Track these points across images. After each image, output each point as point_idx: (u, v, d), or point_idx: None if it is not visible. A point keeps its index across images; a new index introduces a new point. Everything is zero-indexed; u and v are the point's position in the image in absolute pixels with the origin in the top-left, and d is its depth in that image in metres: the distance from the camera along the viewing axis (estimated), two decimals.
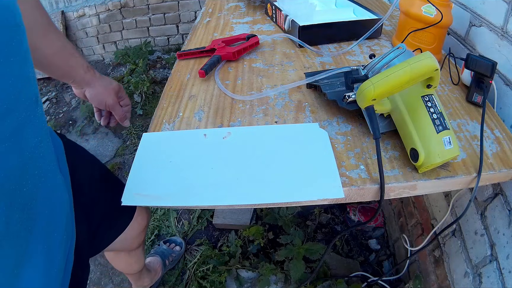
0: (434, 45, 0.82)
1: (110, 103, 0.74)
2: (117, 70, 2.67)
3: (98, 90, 0.71)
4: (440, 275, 0.93)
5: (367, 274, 1.20)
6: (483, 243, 0.74)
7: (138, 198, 0.53)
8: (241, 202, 0.52)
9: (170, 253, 1.34)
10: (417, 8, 0.79)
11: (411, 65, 0.50)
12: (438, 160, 0.52)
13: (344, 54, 0.89)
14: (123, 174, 1.85)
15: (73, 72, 0.66)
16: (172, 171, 0.56)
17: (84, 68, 0.67)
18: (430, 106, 0.55)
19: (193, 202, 0.52)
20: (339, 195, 0.52)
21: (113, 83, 0.74)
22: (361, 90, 0.53)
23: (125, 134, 2.12)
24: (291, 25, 0.96)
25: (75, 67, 0.66)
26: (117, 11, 2.65)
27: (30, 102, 0.35)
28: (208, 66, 0.80)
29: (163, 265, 1.30)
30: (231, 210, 1.46)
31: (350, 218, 1.40)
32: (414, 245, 1.09)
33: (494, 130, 0.63)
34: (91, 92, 0.71)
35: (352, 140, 0.61)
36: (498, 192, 0.70)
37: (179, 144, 0.62)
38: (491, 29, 0.74)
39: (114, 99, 0.74)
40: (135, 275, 1.11)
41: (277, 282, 1.22)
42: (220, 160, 0.58)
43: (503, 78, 0.71)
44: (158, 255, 1.31)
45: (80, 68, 0.67)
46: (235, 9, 1.26)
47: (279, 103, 0.71)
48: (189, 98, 0.75)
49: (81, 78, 0.68)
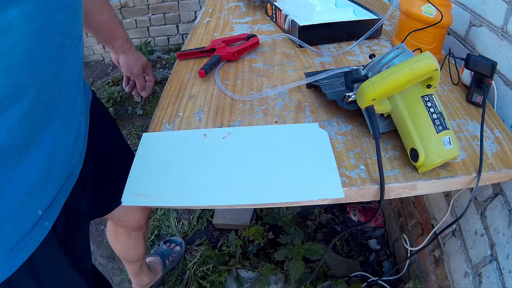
0: (434, 45, 0.82)
1: (135, 72, 0.88)
2: (117, 70, 2.67)
3: (129, 59, 0.85)
4: (440, 275, 0.93)
5: (367, 274, 1.20)
6: (483, 243, 0.74)
7: (138, 198, 0.53)
8: (241, 202, 0.52)
9: (170, 253, 1.34)
10: (417, 8, 0.79)
11: (411, 65, 0.50)
12: (438, 160, 0.52)
13: (344, 54, 0.89)
14: None
15: (113, 41, 0.81)
16: (172, 171, 0.56)
17: (124, 39, 0.82)
18: (430, 106, 0.55)
19: (193, 202, 0.52)
20: (339, 195, 0.52)
21: (143, 59, 0.88)
22: (361, 90, 0.53)
23: (125, 134, 2.12)
24: (291, 25, 0.96)
25: (117, 38, 0.80)
26: (117, 11, 2.65)
27: (74, 37, 0.46)
28: (208, 66, 0.80)
29: (163, 265, 1.30)
30: (231, 210, 1.46)
31: (350, 218, 1.40)
32: (414, 245, 1.09)
33: (494, 130, 0.63)
34: (124, 59, 0.85)
35: (352, 140, 0.61)
36: (498, 192, 0.70)
37: (179, 144, 0.62)
38: (491, 29, 0.74)
39: (139, 70, 0.88)
40: (134, 269, 1.10)
41: (277, 282, 1.22)
42: (220, 160, 0.58)
43: (503, 78, 0.71)
44: (158, 255, 1.31)
45: (120, 40, 0.81)
46: (235, 9, 1.26)
47: (279, 103, 0.71)
48: (189, 98, 0.75)
49: (119, 47, 0.82)
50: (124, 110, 2.28)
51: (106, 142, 0.76)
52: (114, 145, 0.81)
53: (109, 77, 2.60)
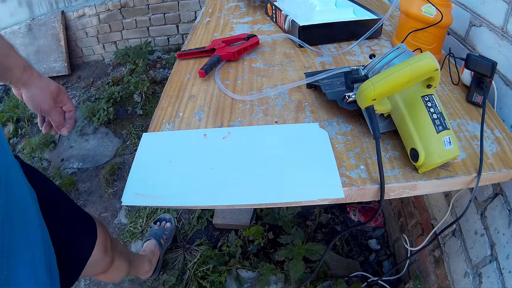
0: (434, 45, 0.82)
1: (44, 108, 0.66)
2: (117, 70, 2.67)
3: (33, 92, 0.65)
4: (440, 275, 0.93)
5: (367, 274, 1.20)
6: (483, 243, 0.74)
7: (138, 198, 0.53)
8: (241, 202, 0.52)
9: (163, 232, 1.40)
10: (417, 8, 0.79)
11: (411, 65, 0.50)
12: (438, 160, 0.52)
13: (344, 54, 0.89)
14: (123, 174, 1.86)
15: (8, 73, 0.60)
16: (172, 171, 0.56)
17: (21, 68, 0.61)
18: (430, 106, 0.55)
19: (193, 202, 0.52)
20: (339, 195, 0.52)
21: (52, 86, 0.67)
22: (361, 90, 0.53)
23: (125, 134, 2.12)
24: (291, 25, 0.96)
25: (11, 68, 0.59)
26: (117, 11, 2.65)
27: None
28: (208, 66, 0.80)
29: (158, 244, 1.35)
30: (231, 210, 1.46)
31: (350, 218, 1.40)
32: (414, 245, 1.09)
33: (494, 130, 0.63)
34: (27, 94, 0.65)
35: (352, 140, 0.61)
36: (498, 192, 0.70)
37: (179, 144, 0.62)
38: (491, 29, 0.74)
39: (50, 104, 0.66)
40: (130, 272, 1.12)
41: (277, 282, 1.22)
42: (220, 160, 0.58)
43: (503, 78, 0.71)
44: (152, 238, 1.37)
45: (16, 69, 0.60)
46: (235, 9, 1.26)
47: (279, 103, 0.71)
48: (189, 98, 0.75)
49: (17, 79, 0.62)
50: (124, 110, 2.28)
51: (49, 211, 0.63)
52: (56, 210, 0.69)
53: (109, 77, 2.60)
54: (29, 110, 2.48)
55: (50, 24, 2.70)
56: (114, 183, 1.81)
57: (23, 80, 0.63)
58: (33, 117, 2.43)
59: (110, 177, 1.83)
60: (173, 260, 1.39)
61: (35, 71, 0.64)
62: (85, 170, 1.93)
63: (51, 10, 2.76)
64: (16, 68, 0.60)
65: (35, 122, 2.40)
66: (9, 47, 0.58)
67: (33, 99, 0.65)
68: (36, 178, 0.66)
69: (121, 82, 2.47)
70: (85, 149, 2.07)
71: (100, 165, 1.94)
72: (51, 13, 2.72)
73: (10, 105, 2.49)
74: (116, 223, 1.60)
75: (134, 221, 1.57)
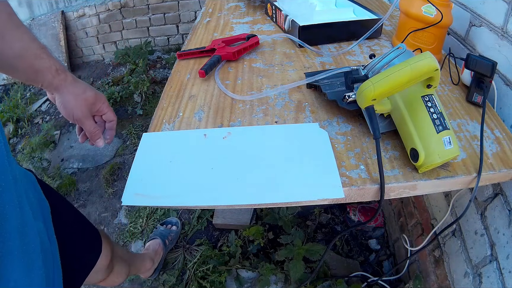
0: (434, 45, 0.82)
1: (77, 116, 0.60)
2: (117, 70, 2.67)
3: (66, 98, 0.59)
4: (440, 275, 0.93)
5: (367, 274, 1.20)
6: (483, 243, 0.74)
7: (138, 198, 0.53)
8: (241, 202, 0.52)
9: (168, 233, 1.42)
10: (417, 8, 0.79)
11: (411, 65, 0.50)
12: (438, 160, 0.52)
13: (344, 54, 0.89)
14: (123, 174, 1.86)
15: (39, 77, 0.56)
16: (172, 171, 0.56)
17: (53, 71, 0.56)
18: (430, 106, 0.55)
19: (193, 202, 0.52)
20: (339, 195, 0.52)
21: (88, 93, 0.60)
22: (361, 90, 0.53)
23: (125, 134, 2.12)
24: (291, 25, 0.96)
25: (42, 70, 0.55)
26: (117, 11, 2.65)
27: None
28: (208, 66, 0.80)
29: (163, 244, 1.36)
30: (231, 210, 1.46)
31: (350, 218, 1.40)
32: (414, 245, 1.09)
33: (494, 130, 0.63)
34: (59, 99, 0.59)
35: (352, 140, 0.61)
36: (498, 192, 0.70)
37: (179, 144, 0.62)
38: (491, 29, 0.74)
39: (83, 112, 0.60)
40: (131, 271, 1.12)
41: (277, 282, 1.22)
42: (220, 160, 0.58)
43: (503, 78, 0.71)
44: (157, 237, 1.38)
45: (47, 72, 0.56)
46: (235, 9, 1.26)
47: (279, 103, 0.71)
48: (189, 98, 0.75)
49: (49, 82, 0.57)
50: (124, 110, 2.28)
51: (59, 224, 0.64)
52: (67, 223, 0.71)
53: (109, 77, 2.60)
54: (29, 110, 2.48)
55: (50, 24, 2.70)
56: (114, 183, 1.81)
57: (55, 84, 0.58)
58: (33, 117, 2.43)
59: (110, 177, 1.83)
60: (173, 260, 1.39)
61: (69, 75, 0.59)
62: (85, 170, 1.93)
63: (51, 10, 2.76)
64: (47, 71, 0.56)
65: (35, 122, 2.40)
66: (41, 48, 0.55)
67: (66, 105, 0.59)
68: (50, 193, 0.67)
69: (121, 82, 2.47)
70: (85, 149, 2.07)
71: (100, 165, 1.94)
72: (51, 13, 2.72)
73: (10, 105, 2.49)
74: (116, 223, 1.60)
75: (134, 221, 1.57)
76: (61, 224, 0.66)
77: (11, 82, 2.78)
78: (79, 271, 0.74)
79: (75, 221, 0.77)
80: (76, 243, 0.73)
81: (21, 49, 0.52)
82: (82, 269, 0.76)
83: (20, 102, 2.55)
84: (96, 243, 0.83)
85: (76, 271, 0.71)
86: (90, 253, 0.80)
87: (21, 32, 0.52)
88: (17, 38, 0.52)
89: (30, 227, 0.41)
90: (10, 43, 0.51)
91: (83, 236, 0.78)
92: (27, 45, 0.53)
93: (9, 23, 0.51)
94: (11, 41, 0.51)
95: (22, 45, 0.52)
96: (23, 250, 0.38)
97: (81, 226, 0.80)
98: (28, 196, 0.45)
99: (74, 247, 0.71)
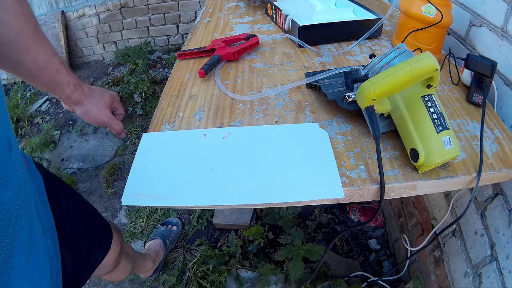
0: (434, 45, 0.82)
1: (103, 121, 0.66)
2: (117, 70, 2.67)
3: (87, 108, 0.64)
4: (440, 275, 0.93)
5: (367, 274, 1.20)
6: (483, 243, 0.74)
7: (138, 198, 0.53)
8: (241, 202, 0.52)
9: (169, 233, 1.43)
10: (417, 8, 0.79)
11: (411, 65, 0.50)
12: (438, 160, 0.52)
13: (344, 54, 0.89)
14: (123, 174, 1.86)
15: (58, 89, 0.60)
16: (172, 171, 0.56)
17: (71, 87, 0.60)
18: (430, 106, 0.55)
19: (193, 202, 0.52)
20: (339, 195, 0.52)
21: (105, 97, 0.66)
22: (361, 90, 0.53)
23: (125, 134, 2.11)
24: (291, 25, 0.96)
25: (61, 84, 0.59)
26: (117, 11, 2.65)
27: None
28: (208, 66, 0.80)
29: (164, 244, 1.37)
30: (231, 210, 1.46)
31: (350, 218, 1.40)
32: (414, 245, 1.09)
33: (494, 130, 0.63)
34: (79, 110, 0.65)
35: (352, 140, 0.61)
36: (498, 192, 0.70)
37: (179, 144, 0.62)
38: (491, 29, 0.74)
39: (106, 115, 0.66)
40: (134, 270, 1.13)
41: (277, 282, 1.22)
42: (220, 160, 0.58)
43: (503, 78, 0.71)
44: (158, 237, 1.39)
45: (66, 86, 0.60)
46: (235, 9, 1.26)
47: (279, 103, 0.71)
48: (189, 98, 0.75)
49: (67, 96, 0.61)
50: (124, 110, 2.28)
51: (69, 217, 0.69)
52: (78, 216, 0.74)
53: (109, 77, 2.60)
54: (29, 110, 2.48)
55: (50, 24, 2.69)
56: (114, 183, 1.81)
57: (74, 99, 0.62)
58: (33, 117, 2.43)
59: (110, 177, 1.83)
60: (173, 260, 1.39)
61: (86, 88, 0.64)
62: (85, 170, 1.93)
63: (51, 10, 2.76)
64: (66, 85, 0.60)
65: (35, 122, 2.40)
66: (62, 63, 0.58)
67: (88, 114, 0.65)
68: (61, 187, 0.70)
69: (121, 82, 2.47)
70: (85, 149, 2.07)
71: (100, 165, 1.94)
72: (51, 13, 2.72)
73: (10, 105, 2.49)
74: (116, 223, 1.60)
75: (134, 221, 1.57)
76: (71, 222, 0.68)
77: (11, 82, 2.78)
78: (84, 269, 0.74)
79: (86, 216, 0.78)
80: (86, 241, 0.74)
81: (44, 62, 0.55)
82: (88, 266, 0.76)
83: (20, 102, 2.55)
84: (105, 239, 0.83)
85: (81, 268, 0.72)
86: (99, 251, 0.81)
87: (45, 46, 0.54)
88: (41, 51, 0.54)
89: (39, 244, 0.41)
90: (35, 56, 0.53)
91: (92, 233, 0.78)
92: (50, 59, 0.55)
93: (35, 36, 0.53)
94: (36, 54, 0.53)
95: (45, 58, 0.54)
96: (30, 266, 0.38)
97: (92, 222, 0.80)
98: (39, 210, 0.45)
99: (83, 245, 0.72)
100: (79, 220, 0.74)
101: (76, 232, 0.70)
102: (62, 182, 0.74)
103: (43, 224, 0.45)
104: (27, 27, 0.51)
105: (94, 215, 0.82)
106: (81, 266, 0.71)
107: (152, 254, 1.29)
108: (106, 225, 0.85)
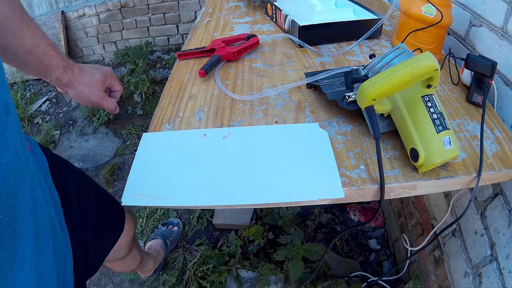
0: (434, 45, 0.82)
1: (95, 101, 0.65)
2: (117, 70, 2.67)
3: (79, 90, 0.63)
4: (440, 275, 0.93)
5: (367, 274, 1.20)
6: (483, 243, 0.74)
7: (138, 198, 0.53)
8: (241, 202, 0.52)
9: (169, 234, 1.43)
10: (417, 8, 0.79)
11: (411, 65, 0.50)
12: (438, 160, 0.52)
13: (344, 54, 0.89)
14: (123, 174, 1.86)
15: (48, 72, 0.59)
16: (172, 171, 0.56)
17: (61, 69, 0.60)
18: (430, 106, 0.55)
19: (193, 202, 0.52)
20: (339, 195, 0.52)
21: (96, 76, 0.64)
22: (361, 90, 0.53)
23: (125, 134, 2.12)
24: (291, 25, 0.96)
25: (50, 67, 0.59)
26: (117, 11, 2.65)
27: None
28: (208, 66, 0.80)
29: (164, 245, 1.37)
30: (231, 210, 1.46)
31: (350, 218, 1.40)
32: (414, 245, 1.09)
33: (494, 130, 0.63)
34: (71, 93, 0.64)
35: (352, 140, 0.61)
36: (498, 192, 0.70)
37: (179, 144, 0.62)
38: (491, 29, 0.74)
39: (98, 95, 0.65)
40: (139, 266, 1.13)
41: (277, 282, 1.22)
42: (220, 160, 0.58)
43: (503, 78, 0.71)
44: (158, 237, 1.39)
45: (55, 69, 0.59)
46: (235, 9, 1.26)
47: (279, 103, 0.71)
48: (189, 98, 0.75)
49: (57, 79, 0.60)
50: (124, 110, 2.28)
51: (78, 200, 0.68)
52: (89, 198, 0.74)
53: None
54: (29, 110, 2.48)
55: (50, 24, 2.69)
56: (114, 183, 1.81)
57: (64, 81, 0.62)
58: (33, 117, 2.43)
59: (110, 177, 1.83)
60: (173, 260, 1.39)
61: (76, 69, 0.63)
62: (85, 170, 1.93)
63: (51, 10, 2.76)
64: (55, 68, 0.59)
65: (35, 122, 2.40)
66: (50, 45, 0.58)
67: (80, 96, 0.64)
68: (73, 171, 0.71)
69: (121, 82, 2.47)
70: (85, 149, 2.07)
71: (100, 165, 1.94)
72: (51, 13, 2.72)
73: None
74: None
75: None
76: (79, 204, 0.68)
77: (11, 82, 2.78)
78: (97, 251, 0.74)
79: (97, 199, 0.77)
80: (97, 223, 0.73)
81: (32, 46, 0.55)
82: (101, 249, 0.76)
83: (20, 102, 2.55)
84: (118, 221, 0.83)
85: (95, 251, 0.72)
86: (111, 233, 0.80)
87: (32, 30, 0.55)
88: (28, 35, 0.54)
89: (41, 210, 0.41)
90: (21, 40, 0.54)
91: (104, 216, 0.78)
92: (37, 41, 0.56)
93: (21, 22, 0.53)
94: (23, 38, 0.54)
95: (33, 42, 0.55)
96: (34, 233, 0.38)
97: (103, 204, 0.79)
98: (41, 181, 0.45)
99: (94, 226, 0.71)
100: (89, 202, 0.72)
101: (86, 214, 0.70)
102: (72, 166, 0.75)
103: (45, 194, 0.45)
104: (13, 14, 0.52)
105: (107, 198, 0.81)
106: (94, 248, 0.71)
107: (154, 254, 1.29)
108: (119, 208, 0.84)
